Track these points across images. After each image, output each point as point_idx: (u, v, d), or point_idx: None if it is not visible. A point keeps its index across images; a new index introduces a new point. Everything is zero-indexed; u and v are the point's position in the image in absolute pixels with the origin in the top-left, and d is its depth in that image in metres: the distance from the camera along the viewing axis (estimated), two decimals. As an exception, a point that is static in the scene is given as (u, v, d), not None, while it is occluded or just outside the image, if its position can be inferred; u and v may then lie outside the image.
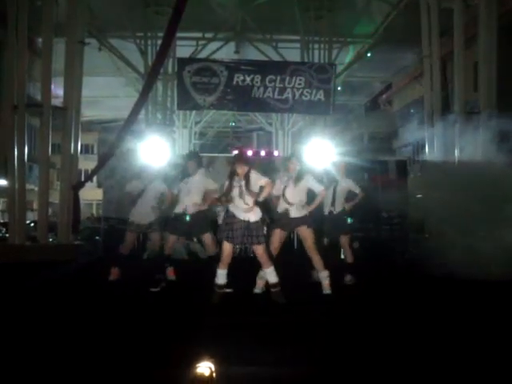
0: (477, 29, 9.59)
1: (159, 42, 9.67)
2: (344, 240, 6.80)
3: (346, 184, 6.86)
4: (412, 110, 19.71)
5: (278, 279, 5.47)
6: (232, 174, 5.48)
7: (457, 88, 10.16)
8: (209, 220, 6.69)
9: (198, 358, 2.64)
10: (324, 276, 5.92)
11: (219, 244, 5.87)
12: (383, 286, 6.61)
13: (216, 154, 12.00)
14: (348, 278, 6.70)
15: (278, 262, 5.70)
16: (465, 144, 9.13)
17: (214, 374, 2.56)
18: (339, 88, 20.29)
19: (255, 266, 5.75)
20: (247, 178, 5.42)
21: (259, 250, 5.47)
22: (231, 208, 5.51)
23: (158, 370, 3.30)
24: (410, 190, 10.44)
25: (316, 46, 15.29)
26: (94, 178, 23.59)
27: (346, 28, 15.52)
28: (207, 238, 6.37)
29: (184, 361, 2.88)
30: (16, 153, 9.48)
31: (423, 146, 12.12)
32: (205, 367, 2.55)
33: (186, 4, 7.67)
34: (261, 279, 5.84)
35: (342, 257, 7.16)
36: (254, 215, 5.45)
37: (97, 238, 11.16)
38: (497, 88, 9.63)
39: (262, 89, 9.49)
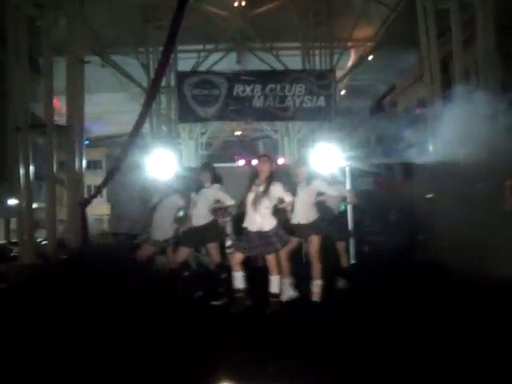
0: (475, 28, 9.55)
1: (160, 56, 9.74)
2: (340, 245, 6.78)
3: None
4: (416, 111, 19.60)
5: (279, 291, 5.45)
6: (253, 177, 5.50)
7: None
8: (217, 230, 6.66)
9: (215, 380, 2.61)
10: (317, 284, 5.88)
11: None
12: (392, 291, 6.53)
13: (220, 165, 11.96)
14: (341, 283, 6.67)
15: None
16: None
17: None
18: (343, 92, 20.34)
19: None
20: (267, 184, 5.41)
21: (271, 257, 5.46)
22: (245, 220, 5.51)
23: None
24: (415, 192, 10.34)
25: (317, 51, 15.34)
26: (104, 193, 23.93)
27: (346, 32, 15.54)
28: (212, 247, 6.36)
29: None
30: (22, 172, 9.59)
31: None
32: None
33: (183, 16, 7.74)
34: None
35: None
36: (268, 224, 5.43)
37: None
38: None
39: (262, 98, 9.53)
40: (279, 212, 5.83)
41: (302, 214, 5.88)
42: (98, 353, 4.07)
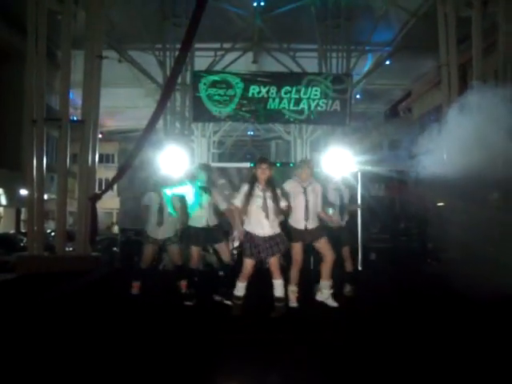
0: (496, 36, 9.43)
1: (177, 52, 9.73)
2: (345, 250, 6.72)
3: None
4: (432, 117, 19.46)
5: (284, 295, 5.43)
6: (252, 181, 5.43)
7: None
8: (224, 229, 6.65)
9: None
10: (326, 284, 5.86)
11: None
12: (397, 302, 6.45)
13: (229, 165, 11.91)
14: (347, 289, 6.61)
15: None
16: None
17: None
18: (358, 96, 20.24)
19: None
20: (272, 188, 5.38)
21: (274, 261, 5.44)
22: (249, 225, 5.44)
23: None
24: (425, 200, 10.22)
25: (334, 54, 15.25)
26: (115, 187, 24.04)
27: (364, 36, 15.44)
28: (222, 247, 6.34)
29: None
30: (35, 164, 9.63)
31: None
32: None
33: (202, 14, 7.71)
34: (293, 293, 5.78)
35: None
36: (273, 229, 5.43)
37: (114, 249, 11.23)
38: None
39: (277, 100, 9.47)
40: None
41: (312, 217, 5.81)
42: (95, 350, 4.07)
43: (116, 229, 20.18)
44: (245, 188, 5.47)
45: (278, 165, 9.94)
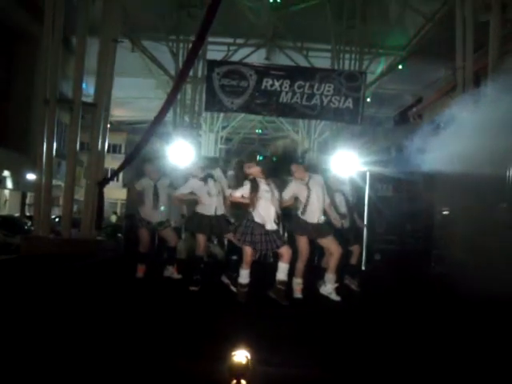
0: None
1: (191, 45, 9.74)
2: (355, 247, 6.73)
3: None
4: (442, 124, 19.38)
5: (286, 279, 5.49)
6: (254, 178, 5.56)
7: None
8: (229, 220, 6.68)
9: (233, 347, 2.64)
10: (331, 278, 5.90)
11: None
12: (400, 303, 6.38)
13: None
14: (352, 282, 6.64)
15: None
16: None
17: (250, 362, 2.54)
18: (368, 99, 20.20)
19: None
20: (275, 182, 5.57)
21: (284, 248, 5.55)
22: (256, 215, 5.50)
23: (194, 361, 3.27)
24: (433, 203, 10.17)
25: (347, 55, 15.23)
26: (120, 178, 24.04)
27: (378, 39, 15.42)
28: (230, 235, 6.35)
29: (220, 350, 2.87)
30: (45, 148, 9.65)
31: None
32: (241, 355, 2.56)
33: (218, 7, 7.71)
34: (298, 285, 5.80)
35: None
36: (274, 224, 5.55)
37: (119, 235, 11.26)
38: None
39: (290, 94, 9.44)
40: None
41: (319, 211, 5.85)
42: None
43: (114, 218, 20.31)
44: (247, 184, 5.53)
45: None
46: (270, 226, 5.49)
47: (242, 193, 5.56)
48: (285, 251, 5.56)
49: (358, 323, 4.90)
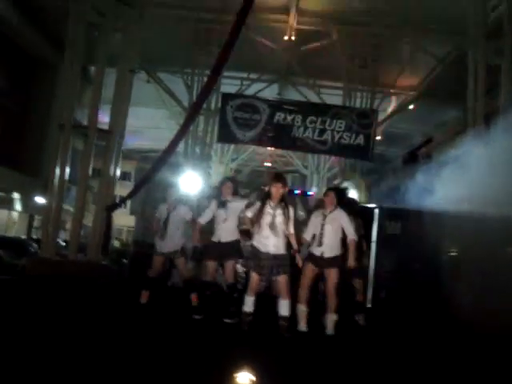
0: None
1: (205, 78, 9.95)
2: (358, 282, 6.66)
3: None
4: (452, 164, 19.39)
5: (289, 314, 5.35)
6: (265, 198, 5.38)
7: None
8: (239, 248, 6.54)
9: (235, 369, 2.60)
10: (332, 319, 5.74)
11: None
12: (404, 344, 6.25)
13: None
14: (361, 320, 6.55)
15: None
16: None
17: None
18: (378, 137, 20.33)
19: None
20: (283, 205, 5.32)
21: (283, 279, 5.34)
22: (255, 240, 5.39)
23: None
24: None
25: (358, 94, 15.42)
26: (128, 205, 24.15)
27: (390, 79, 15.64)
28: (230, 265, 6.24)
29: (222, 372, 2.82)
30: (57, 172, 9.77)
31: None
32: (243, 377, 2.51)
33: (234, 45, 7.87)
34: (303, 313, 5.69)
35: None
36: (278, 249, 5.34)
37: (124, 260, 11.24)
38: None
39: (302, 128, 9.57)
40: None
41: (330, 245, 5.75)
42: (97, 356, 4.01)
43: (117, 244, 20.37)
44: (257, 204, 5.47)
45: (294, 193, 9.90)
46: (266, 249, 5.29)
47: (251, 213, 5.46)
48: (280, 285, 5.35)
49: (358, 357, 4.82)
